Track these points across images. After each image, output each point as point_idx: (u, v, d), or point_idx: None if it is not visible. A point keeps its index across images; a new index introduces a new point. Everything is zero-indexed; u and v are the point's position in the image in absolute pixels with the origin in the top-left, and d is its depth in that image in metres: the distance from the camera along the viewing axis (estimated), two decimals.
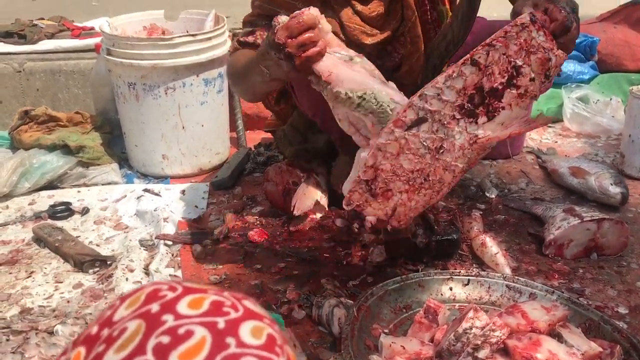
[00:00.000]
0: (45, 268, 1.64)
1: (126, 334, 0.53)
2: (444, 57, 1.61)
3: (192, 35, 2.03)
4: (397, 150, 1.17)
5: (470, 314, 1.10)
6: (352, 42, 1.61)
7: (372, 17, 1.62)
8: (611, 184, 1.88)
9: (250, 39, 1.56)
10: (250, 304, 0.58)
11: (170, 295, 0.56)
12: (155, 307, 0.55)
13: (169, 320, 0.53)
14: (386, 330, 1.24)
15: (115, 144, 2.32)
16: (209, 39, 2.07)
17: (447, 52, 1.59)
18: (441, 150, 1.18)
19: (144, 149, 2.18)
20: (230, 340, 0.53)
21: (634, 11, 2.78)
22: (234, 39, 1.64)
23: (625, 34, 2.78)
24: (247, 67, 1.43)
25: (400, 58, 1.69)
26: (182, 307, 0.55)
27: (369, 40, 1.63)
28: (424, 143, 1.17)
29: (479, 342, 1.06)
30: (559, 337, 1.12)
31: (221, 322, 0.54)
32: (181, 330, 0.53)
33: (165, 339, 0.52)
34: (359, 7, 1.61)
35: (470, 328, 1.07)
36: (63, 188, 2.11)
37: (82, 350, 0.54)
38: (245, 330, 0.55)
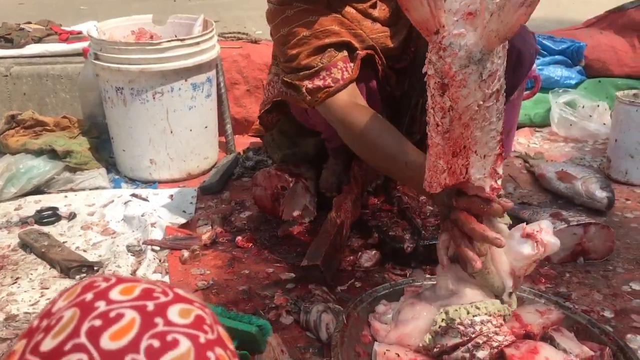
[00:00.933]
0: (31, 274, 1.63)
1: (62, 321, 0.57)
2: None
3: (180, 40, 2.03)
4: None
5: None
6: (381, 50, 1.61)
7: (388, 17, 1.63)
8: (598, 189, 1.89)
9: (318, 82, 1.49)
10: (181, 291, 0.63)
11: (104, 285, 0.61)
12: (89, 296, 0.59)
13: (101, 306, 0.58)
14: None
15: (103, 148, 2.30)
16: (197, 43, 2.06)
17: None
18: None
19: (132, 154, 2.17)
20: (158, 320, 0.57)
21: (619, 17, 2.81)
22: (299, 85, 1.52)
23: (611, 39, 2.80)
24: (392, 156, 1.36)
25: (415, 47, 1.69)
26: (114, 294, 0.59)
27: (395, 42, 1.63)
28: None
29: (480, 342, 1.07)
30: (551, 340, 1.12)
31: (150, 305, 0.58)
32: (112, 314, 0.57)
33: (98, 322, 0.56)
34: (375, 13, 1.61)
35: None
36: (50, 193, 2.09)
37: (23, 341, 0.58)
38: (174, 312, 0.59)
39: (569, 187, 1.96)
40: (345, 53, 1.52)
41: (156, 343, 0.55)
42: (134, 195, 2.03)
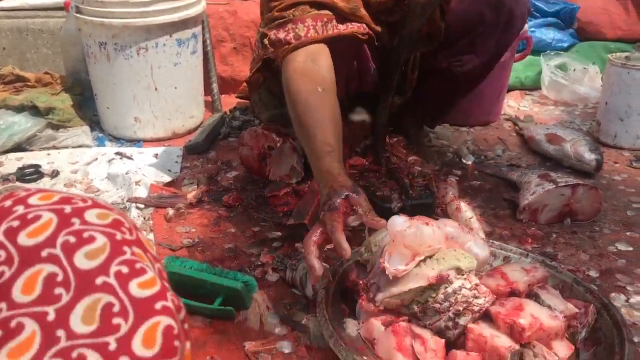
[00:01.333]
0: None
1: None
2: (420, 18, 1.58)
3: None
4: None
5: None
6: (374, 4, 1.54)
7: None
8: (587, 151, 1.88)
9: (280, 35, 1.43)
10: (101, 201, 0.67)
11: (23, 193, 0.64)
12: (8, 203, 0.63)
13: (19, 209, 0.61)
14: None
15: (86, 105, 2.25)
16: None
17: (423, 11, 1.56)
18: None
19: (116, 111, 2.12)
20: (75, 220, 0.61)
21: None
22: (266, 34, 1.47)
23: (605, 2, 2.77)
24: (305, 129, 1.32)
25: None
26: (33, 200, 0.63)
27: None
28: None
29: (461, 309, 1.05)
30: (536, 298, 1.12)
31: (68, 208, 0.62)
32: (30, 216, 0.61)
33: (15, 223, 0.60)
34: None
35: (460, 289, 1.06)
36: (32, 151, 2.05)
37: None
38: (91, 214, 0.63)
39: (557, 149, 1.95)
40: (322, 12, 1.45)
41: (72, 239, 0.59)
42: (118, 153, 2.00)
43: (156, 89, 2.07)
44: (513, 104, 2.52)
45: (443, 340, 1.05)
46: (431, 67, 1.84)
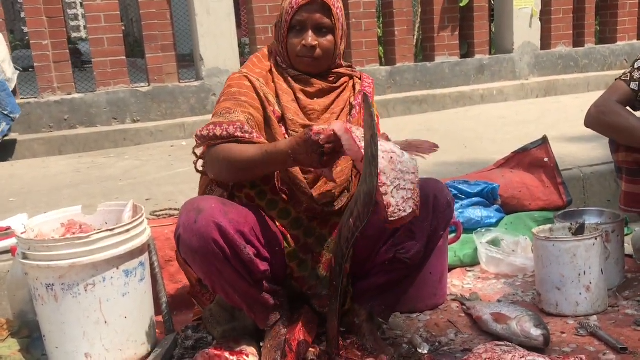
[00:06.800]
0: None
1: None
2: (354, 232, 1.70)
3: (110, 230, 2.05)
4: None
5: None
6: None
7: None
8: (532, 327, 1.94)
9: (218, 131, 1.83)
10: None
11: None
12: None
13: None
14: None
15: (35, 346, 2.21)
16: (127, 230, 2.08)
17: (355, 228, 1.68)
18: None
19: (65, 350, 2.08)
20: None
21: (525, 157, 3.07)
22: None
23: (522, 177, 3.03)
24: (257, 158, 1.76)
25: None
26: None
27: None
28: None
29: None
30: None
31: None
32: None
33: None
34: None
35: None
36: None
37: None
38: None
39: (505, 328, 2.01)
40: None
41: None
42: None
43: (106, 322, 2.06)
44: (457, 283, 2.61)
45: None
46: (376, 262, 1.95)
